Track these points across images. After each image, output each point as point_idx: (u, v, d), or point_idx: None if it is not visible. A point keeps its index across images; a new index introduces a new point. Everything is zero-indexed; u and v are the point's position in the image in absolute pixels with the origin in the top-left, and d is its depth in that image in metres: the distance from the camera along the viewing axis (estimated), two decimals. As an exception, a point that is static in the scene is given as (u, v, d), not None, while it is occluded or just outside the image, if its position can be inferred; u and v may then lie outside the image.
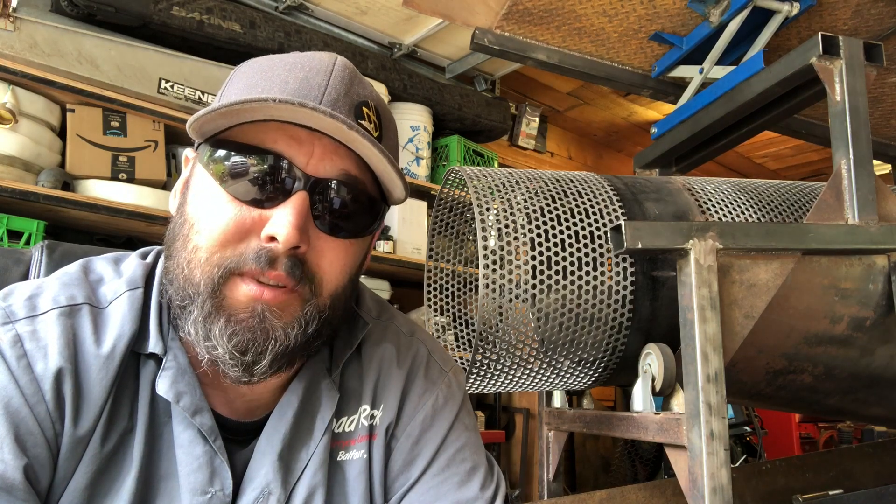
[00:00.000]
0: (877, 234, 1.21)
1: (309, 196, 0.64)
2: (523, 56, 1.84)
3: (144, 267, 0.72)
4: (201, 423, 0.66)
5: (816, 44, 1.27)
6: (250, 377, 0.64)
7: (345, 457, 0.74)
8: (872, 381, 1.38)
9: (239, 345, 0.62)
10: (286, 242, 0.61)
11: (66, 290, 0.66)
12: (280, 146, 0.64)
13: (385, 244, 2.78)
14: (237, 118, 0.64)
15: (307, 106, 0.60)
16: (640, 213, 1.28)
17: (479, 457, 0.79)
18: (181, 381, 0.66)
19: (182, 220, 0.67)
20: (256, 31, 2.46)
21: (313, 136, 0.64)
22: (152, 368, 0.67)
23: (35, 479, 0.59)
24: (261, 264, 0.61)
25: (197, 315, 0.63)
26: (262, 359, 0.63)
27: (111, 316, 0.66)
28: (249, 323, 0.62)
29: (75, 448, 0.62)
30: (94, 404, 0.62)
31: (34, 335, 0.62)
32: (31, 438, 0.59)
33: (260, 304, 0.62)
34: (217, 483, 0.66)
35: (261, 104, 0.60)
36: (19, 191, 1.86)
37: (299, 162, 0.64)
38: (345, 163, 0.66)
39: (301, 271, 0.63)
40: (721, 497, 1.01)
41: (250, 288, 0.62)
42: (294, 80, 0.64)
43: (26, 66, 1.95)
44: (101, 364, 0.63)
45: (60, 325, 0.63)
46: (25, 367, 0.60)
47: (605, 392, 3.80)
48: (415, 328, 0.85)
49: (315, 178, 0.64)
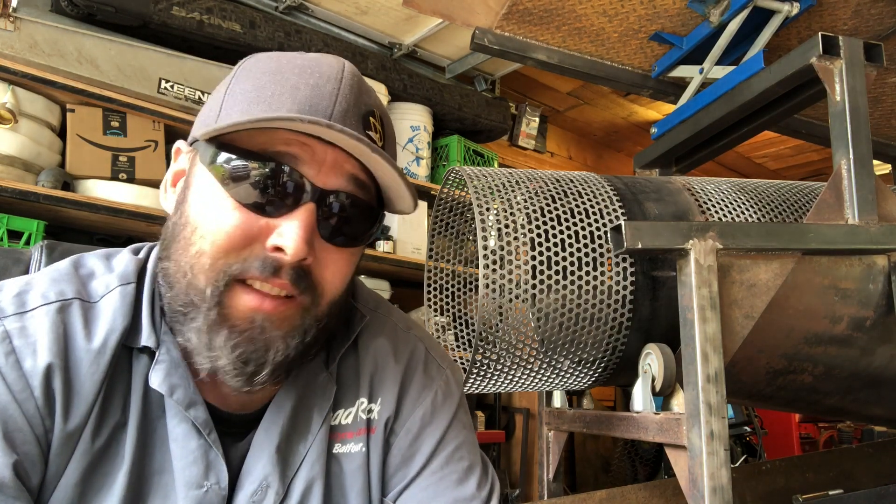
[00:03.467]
0: (877, 234, 1.21)
1: (317, 207, 0.63)
2: (523, 56, 1.84)
3: (137, 262, 0.71)
4: (195, 417, 0.65)
5: (816, 44, 1.27)
6: (251, 386, 0.64)
7: (341, 449, 0.74)
8: (872, 381, 1.38)
9: (242, 356, 0.62)
10: (294, 255, 0.61)
11: (56, 285, 0.66)
12: (291, 153, 0.63)
13: (385, 244, 2.78)
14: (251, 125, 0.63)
15: (321, 124, 0.59)
16: (640, 213, 1.28)
17: (475, 456, 0.80)
18: (174, 374, 0.66)
19: (183, 220, 0.66)
20: (256, 31, 2.46)
21: (325, 145, 0.64)
22: (145, 362, 0.66)
23: (25, 475, 0.59)
24: (266, 273, 0.61)
25: (201, 324, 0.62)
26: (263, 369, 0.63)
27: (103, 310, 0.66)
28: (251, 334, 0.62)
29: (66, 443, 0.61)
30: (85, 399, 0.62)
31: (23, 331, 0.62)
32: (21, 435, 0.59)
33: (260, 315, 0.62)
34: (212, 477, 0.66)
35: (288, 122, 0.60)
36: (19, 191, 1.86)
37: (309, 172, 0.64)
38: (353, 173, 0.66)
39: (306, 282, 0.63)
40: (721, 497, 1.01)
41: (250, 298, 0.62)
42: (305, 87, 0.64)
43: (26, 66, 1.95)
44: (92, 358, 0.63)
45: (49, 320, 0.63)
46: (14, 363, 0.60)
47: (605, 392, 3.80)
48: (412, 324, 0.85)
49: (323, 189, 0.64)
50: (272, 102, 0.63)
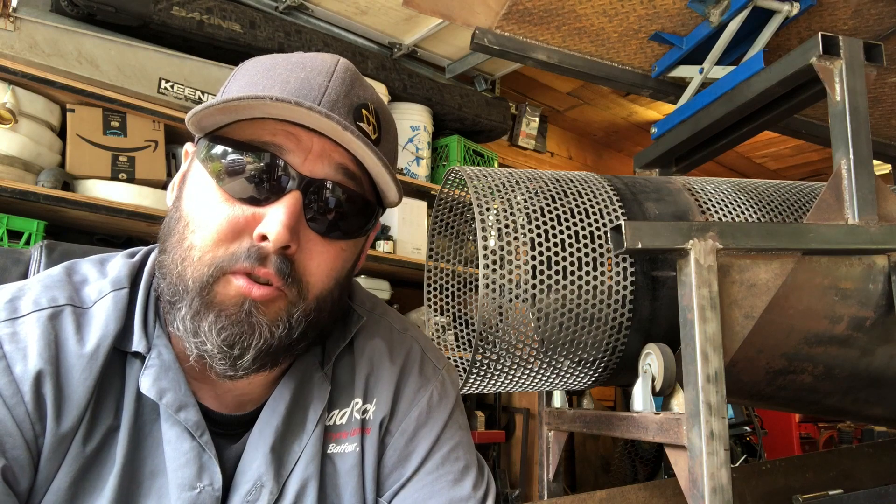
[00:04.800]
0: (877, 234, 1.21)
1: (303, 196, 0.63)
2: (523, 56, 1.84)
3: (130, 266, 0.72)
4: (186, 419, 0.66)
5: (816, 44, 1.27)
6: (235, 371, 0.64)
7: (336, 449, 0.74)
8: (872, 381, 1.38)
9: (227, 339, 0.62)
10: (276, 241, 0.61)
11: (48, 292, 0.66)
12: (276, 143, 0.64)
13: (385, 244, 2.78)
14: (235, 114, 0.64)
15: (303, 105, 0.60)
16: (640, 213, 1.28)
17: (471, 456, 0.80)
18: (164, 378, 0.66)
19: (178, 215, 0.67)
20: (256, 31, 2.46)
21: (311, 135, 0.64)
22: (137, 367, 0.67)
23: (14, 480, 0.59)
24: (251, 261, 0.62)
25: (185, 313, 0.63)
26: (246, 353, 0.63)
27: (95, 316, 0.66)
28: (237, 317, 0.63)
29: (57, 448, 0.62)
30: (76, 404, 0.62)
31: (14, 337, 0.62)
32: (10, 440, 0.59)
33: (248, 300, 0.63)
34: (206, 478, 0.66)
35: (258, 102, 0.60)
36: (19, 191, 1.86)
37: (295, 161, 0.64)
38: (341, 162, 0.66)
39: (290, 271, 0.63)
40: (721, 497, 1.01)
41: (241, 283, 0.62)
42: (295, 80, 0.64)
43: (26, 66, 1.95)
44: (84, 364, 0.63)
45: (41, 326, 0.63)
46: (4, 368, 0.60)
47: (605, 392, 3.80)
48: (407, 325, 0.85)
49: (309, 178, 0.64)
50: (261, 94, 0.63)
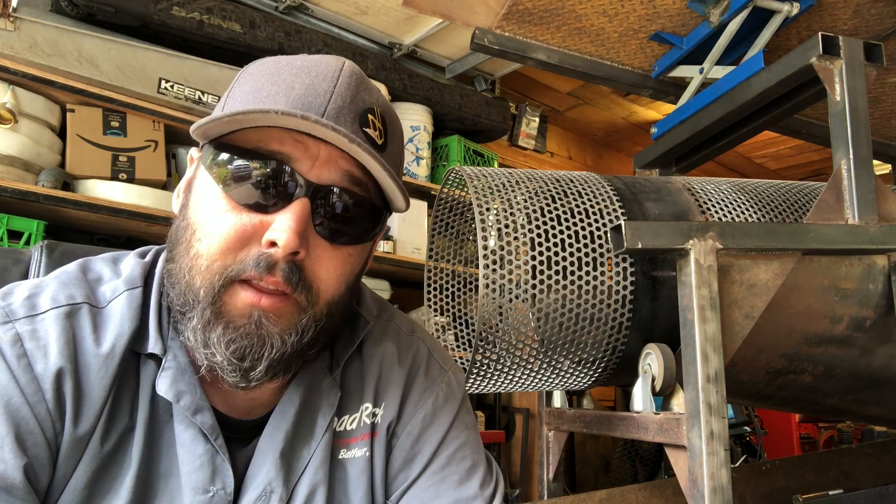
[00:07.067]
0: (877, 234, 1.21)
1: (310, 202, 0.63)
2: (523, 56, 1.84)
3: (143, 266, 0.72)
4: (202, 422, 0.66)
5: (816, 44, 1.27)
6: (248, 383, 0.64)
7: (346, 455, 0.74)
8: (872, 381, 1.38)
9: (237, 351, 0.62)
10: (285, 247, 0.61)
11: (65, 289, 0.66)
12: (284, 151, 0.64)
13: (385, 244, 2.78)
14: (241, 125, 0.64)
15: (309, 118, 0.60)
16: (640, 213, 1.28)
17: (478, 455, 0.79)
18: (181, 381, 0.66)
19: (185, 223, 0.66)
20: (256, 31, 2.45)
21: (318, 142, 0.64)
22: (152, 368, 0.67)
23: (35, 478, 0.59)
24: (260, 269, 0.61)
25: (196, 323, 0.63)
26: (258, 364, 0.63)
27: (110, 315, 0.66)
28: (247, 329, 0.62)
29: (75, 447, 0.62)
30: (94, 403, 0.63)
31: (34, 334, 0.62)
32: (31, 438, 0.59)
33: (257, 311, 0.62)
34: (218, 482, 0.66)
35: (264, 115, 0.60)
36: (19, 191, 1.86)
37: (302, 168, 0.64)
38: (348, 169, 0.66)
39: (298, 278, 0.63)
40: (721, 497, 1.01)
41: (248, 294, 0.62)
42: (300, 86, 0.64)
43: (26, 66, 1.95)
44: (100, 363, 0.63)
45: (60, 324, 0.63)
46: (26, 366, 0.60)
47: (605, 392, 3.80)
48: (415, 327, 0.85)
49: (317, 184, 0.64)
50: (266, 102, 0.63)
